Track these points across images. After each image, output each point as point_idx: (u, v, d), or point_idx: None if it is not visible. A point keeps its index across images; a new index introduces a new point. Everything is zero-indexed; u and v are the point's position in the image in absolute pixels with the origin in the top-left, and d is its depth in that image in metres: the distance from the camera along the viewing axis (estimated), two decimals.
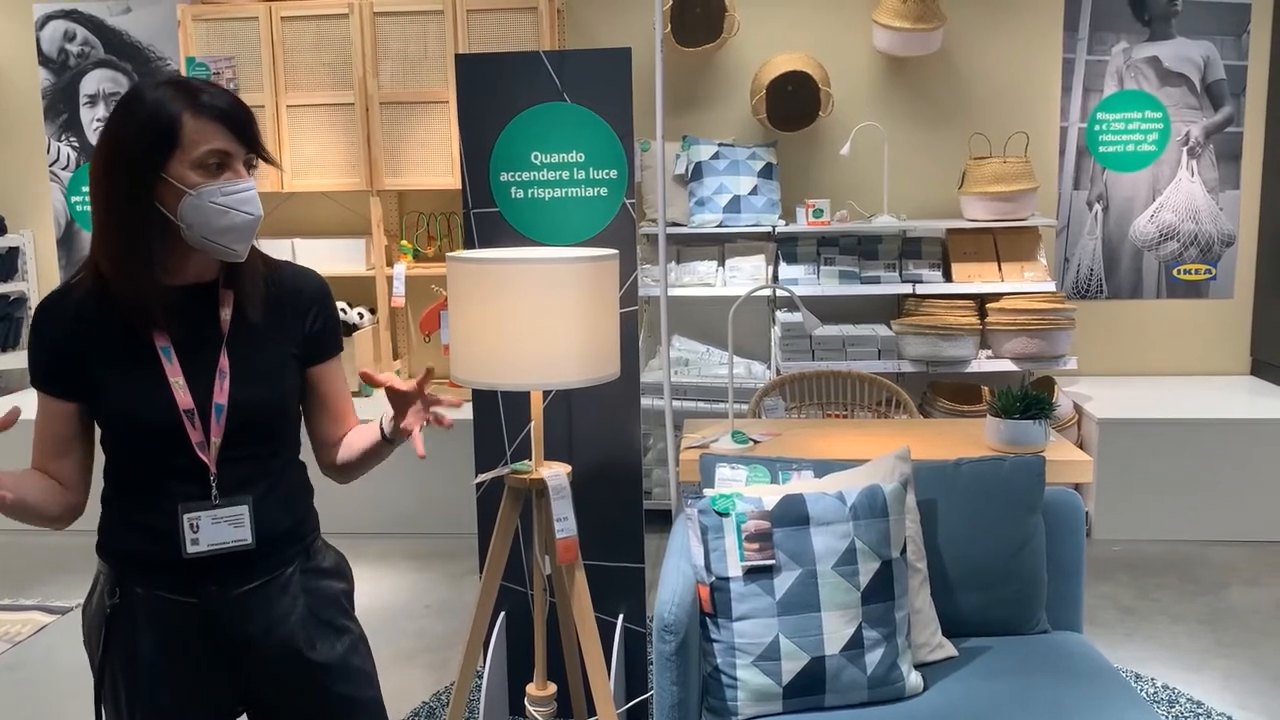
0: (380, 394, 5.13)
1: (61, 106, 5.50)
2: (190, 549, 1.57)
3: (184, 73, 4.98)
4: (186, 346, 1.58)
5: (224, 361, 1.59)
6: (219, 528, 1.58)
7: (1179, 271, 5.14)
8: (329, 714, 1.71)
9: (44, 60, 5.47)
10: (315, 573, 1.72)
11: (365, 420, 1.77)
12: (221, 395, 1.58)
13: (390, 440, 1.69)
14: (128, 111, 1.51)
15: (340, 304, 5.20)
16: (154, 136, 1.49)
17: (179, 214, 1.51)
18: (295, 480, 1.72)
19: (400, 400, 1.61)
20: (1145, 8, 5.00)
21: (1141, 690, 3.19)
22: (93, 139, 5.50)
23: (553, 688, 2.60)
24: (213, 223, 1.52)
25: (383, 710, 1.79)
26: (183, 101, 1.50)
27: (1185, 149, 5.05)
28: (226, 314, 1.61)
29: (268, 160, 1.61)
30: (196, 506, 1.57)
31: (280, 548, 1.66)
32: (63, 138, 5.52)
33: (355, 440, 1.74)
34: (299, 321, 1.69)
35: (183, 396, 1.56)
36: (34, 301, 5.60)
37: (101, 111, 5.47)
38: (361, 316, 5.25)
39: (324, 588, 1.73)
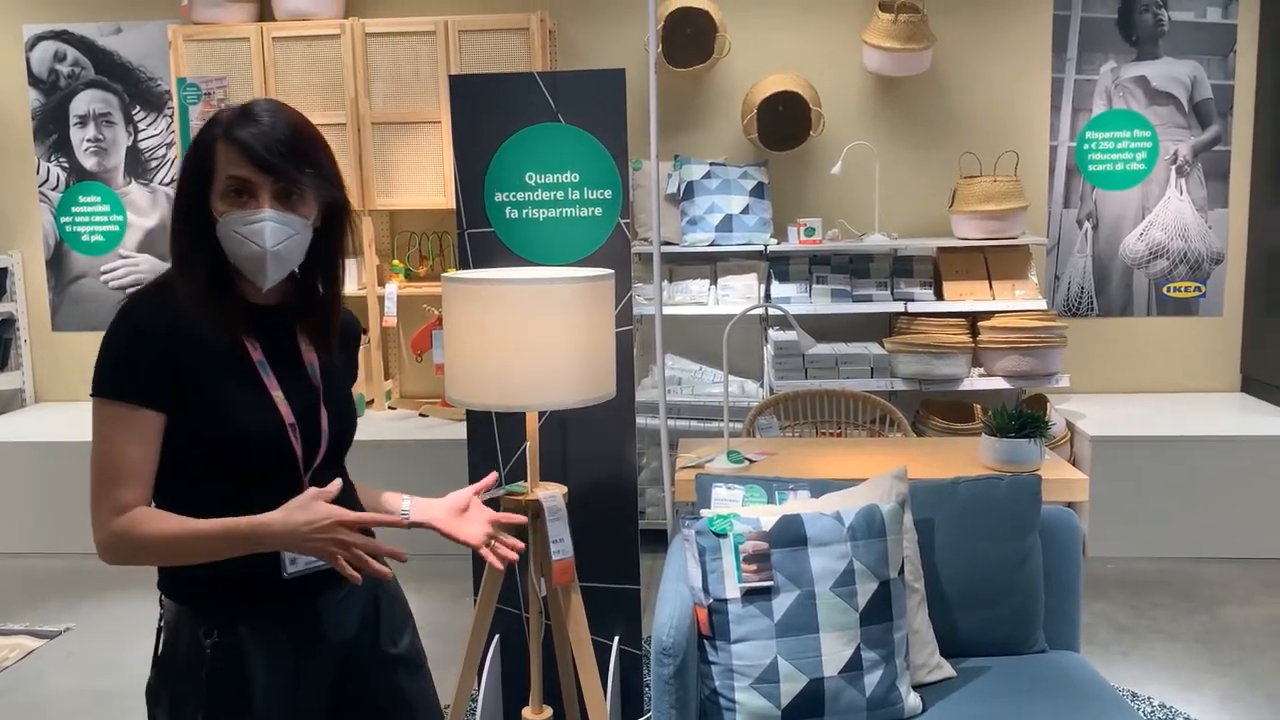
0: (372, 415, 5.11)
1: (51, 127, 5.48)
2: (289, 569, 1.56)
3: (174, 94, 4.98)
4: (279, 365, 1.59)
5: (319, 383, 1.62)
6: None
7: (1169, 289, 5.16)
8: (405, 705, 1.74)
9: (34, 81, 5.46)
10: (389, 582, 1.76)
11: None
12: (324, 418, 1.61)
13: (406, 525, 1.77)
14: (193, 139, 1.55)
15: None
16: (195, 164, 1.52)
17: (220, 238, 1.52)
18: (356, 497, 1.75)
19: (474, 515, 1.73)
20: (1133, 28, 5.04)
21: (1139, 709, 3.18)
22: (83, 159, 5.49)
23: (548, 711, 2.57)
24: (235, 251, 1.52)
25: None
26: (221, 129, 1.51)
27: (1174, 168, 5.09)
28: (307, 344, 1.64)
29: (298, 186, 1.51)
30: None
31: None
32: (52, 158, 5.51)
33: (365, 496, 1.79)
34: (347, 354, 1.76)
35: (285, 411, 1.56)
36: (23, 323, 5.57)
37: (91, 132, 5.46)
38: None
39: (389, 589, 1.77)
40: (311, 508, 1.46)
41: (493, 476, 1.71)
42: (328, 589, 1.63)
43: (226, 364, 1.54)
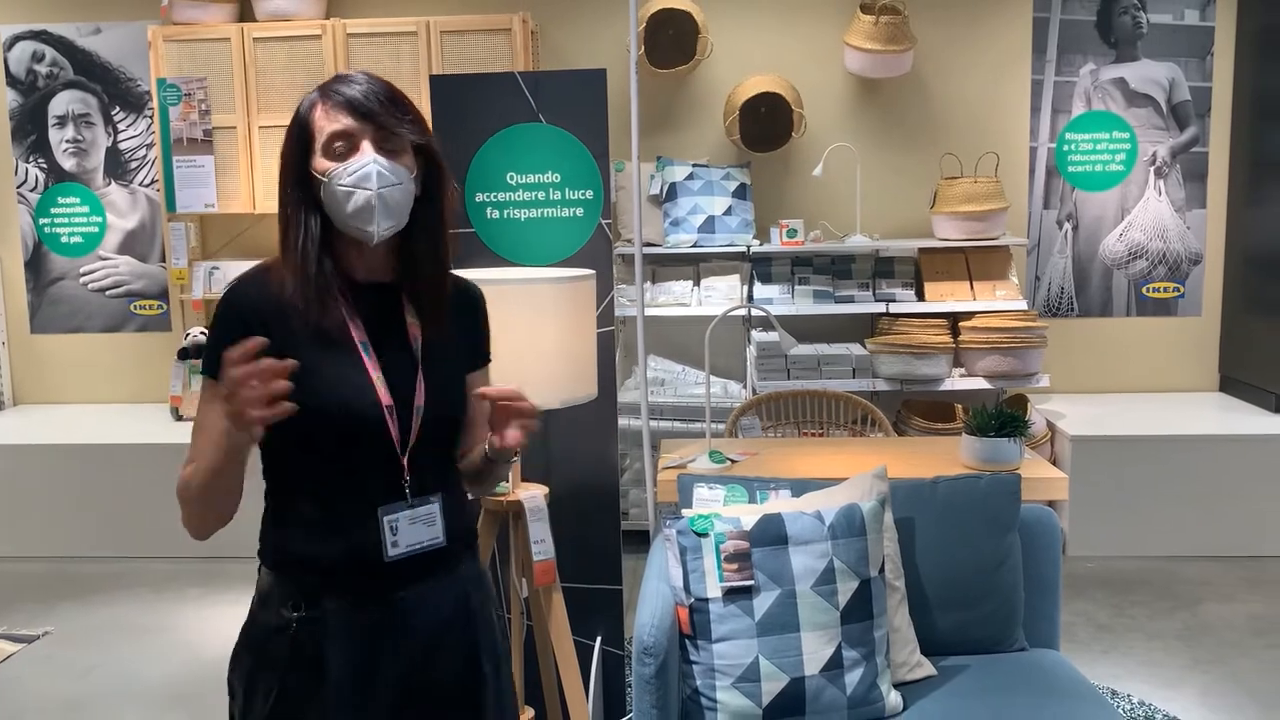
0: None
1: (30, 127, 5.44)
2: (391, 551, 1.54)
3: (154, 94, 4.95)
4: (382, 345, 1.57)
5: (418, 360, 1.59)
6: (415, 528, 1.57)
7: (1148, 289, 5.20)
8: (482, 698, 1.69)
9: (12, 81, 5.42)
10: (479, 574, 1.73)
11: None
12: (420, 396, 1.57)
13: (493, 460, 1.66)
14: (292, 116, 1.56)
15: None
16: (297, 133, 1.53)
17: (324, 205, 1.52)
18: (461, 483, 1.72)
19: (502, 412, 1.58)
20: (1111, 30, 5.07)
21: (1119, 707, 3.20)
22: (62, 160, 5.45)
23: (530, 712, 2.57)
24: (343, 207, 1.51)
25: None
26: (318, 94, 1.54)
27: (1152, 169, 5.12)
28: (412, 319, 1.60)
29: (397, 132, 1.51)
30: (394, 508, 1.54)
31: (458, 548, 1.66)
32: (31, 159, 5.47)
33: (472, 459, 1.71)
34: (467, 331, 1.70)
35: (384, 392, 1.54)
36: (1, 325, 5.52)
37: (70, 132, 5.42)
38: None
39: (486, 586, 1.74)
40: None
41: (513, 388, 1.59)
42: (418, 580, 1.60)
43: (327, 344, 1.53)
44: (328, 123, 1.51)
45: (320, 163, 1.51)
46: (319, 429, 1.51)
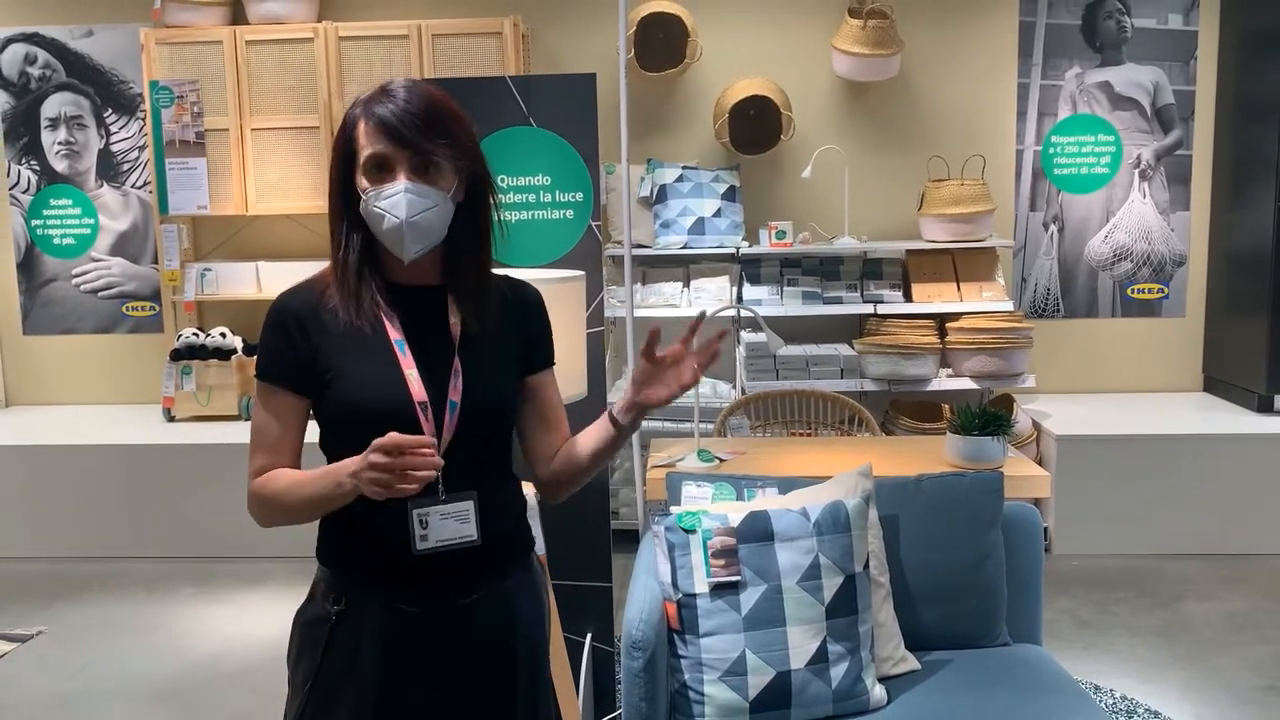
0: None
1: (22, 130, 5.46)
2: (419, 545, 1.56)
3: (146, 97, 4.97)
4: (420, 344, 1.60)
5: (456, 362, 1.61)
6: (446, 523, 1.58)
7: (1133, 291, 5.26)
8: (516, 713, 1.69)
9: (4, 83, 5.44)
10: (533, 588, 1.73)
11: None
12: (455, 393, 1.59)
13: (623, 426, 1.66)
14: (340, 123, 1.60)
15: None
16: (341, 146, 1.58)
17: (364, 217, 1.57)
18: (513, 488, 1.73)
19: (655, 369, 1.60)
20: (1096, 34, 5.13)
21: (1100, 701, 3.25)
22: (54, 162, 5.47)
23: None
24: (376, 227, 1.56)
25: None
26: (362, 109, 1.57)
27: (1137, 171, 5.18)
28: (455, 319, 1.63)
29: (433, 159, 1.54)
30: (425, 502, 1.56)
31: (502, 555, 1.67)
32: (23, 161, 5.48)
33: (579, 445, 1.71)
34: (520, 331, 1.71)
35: (417, 389, 1.57)
36: None
37: (63, 134, 5.44)
38: None
39: (538, 604, 1.74)
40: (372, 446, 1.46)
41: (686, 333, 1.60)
42: (457, 590, 1.62)
43: (362, 344, 1.58)
44: (367, 143, 1.55)
45: (361, 181, 1.56)
46: (354, 425, 1.55)
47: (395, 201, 1.53)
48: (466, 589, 1.62)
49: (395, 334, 1.59)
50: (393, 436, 1.43)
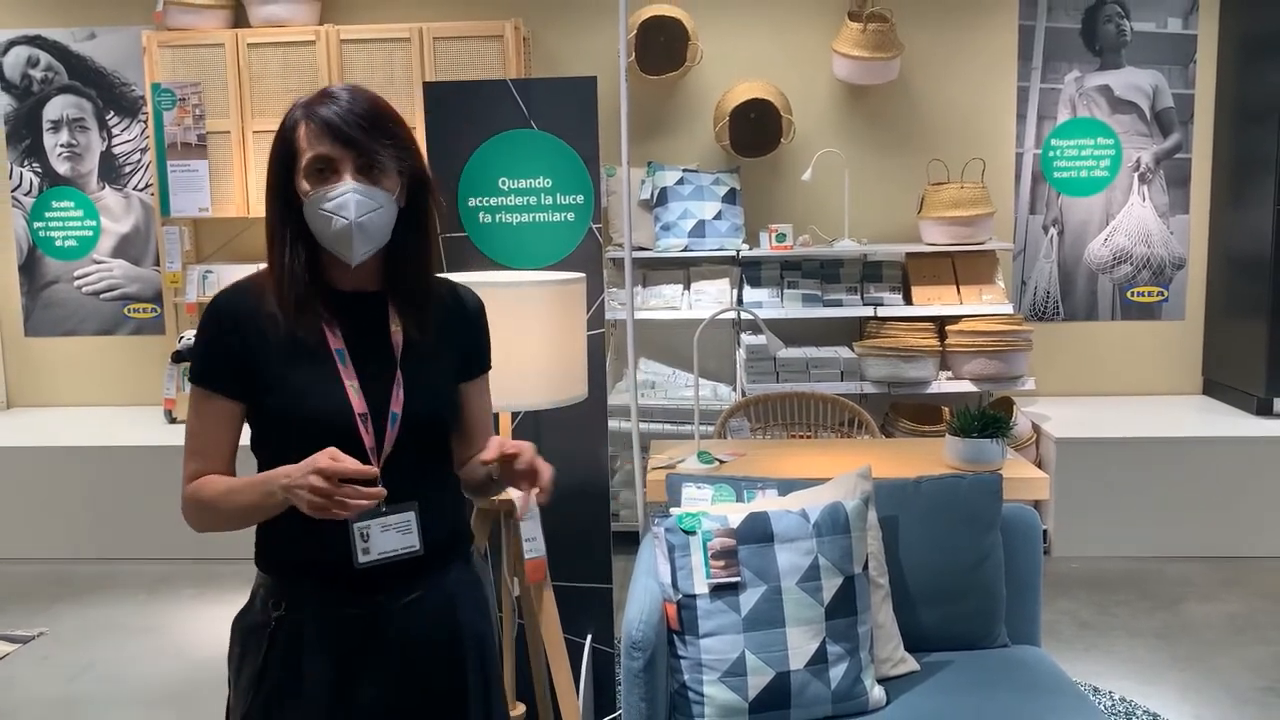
0: None
1: (24, 132, 5.47)
2: (361, 559, 1.55)
3: (148, 99, 4.99)
4: (361, 353, 1.59)
5: (398, 372, 1.60)
6: (388, 535, 1.57)
7: (1132, 294, 5.27)
8: (468, 711, 1.69)
9: (6, 85, 5.45)
10: (473, 581, 1.73)
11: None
12: (397, 404, 1.58)
13: (496, 481, 1.67)
14: (278, 128, 1.58)
15: None
16: (282, 149, 1.56)
17: (307, 222, 1.54)
18: (454, 491, 1.72)
19: (508, 470, 1.59)
20: (1096, 38, 5.14)
21: (1100, 703, 3.26)
22: (56, 165, 5.48)
23: (522, 708, 2.62)
24: (322, 230, 1.53)
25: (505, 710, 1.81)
26: (303, 112, 1.55)
27: (1136, 174, 5.19)
28: (396, 327, 1.61)
29: (378, 159, 1.53)
30: (366, 515, 1.54)
31: (444, 556, 1.67)
32: (25, 163, 5.50)
33: (474, 470, 1.70)
34: (458, 338, 1.70)
35: (357, 401, 1.56)
36: None
37: (65, 137, 5.45)
38: None
39: (480, 596, 1.74)
40: (306, 462, 1.45)
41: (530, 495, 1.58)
42: (402, 586, 1.61)
43: (302, 354, 1.56)
44: (309, 146, 1.53)
45: (303, 184, 1.54)
46: (292, 435, 1.53)
47: (342, 203, 1.51)
48: (407, 590, 1.62)
49: (336, 343, 1.57)
50: (334, 465, 1.41)
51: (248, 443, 1.63)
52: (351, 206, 1.51)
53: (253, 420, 1.60)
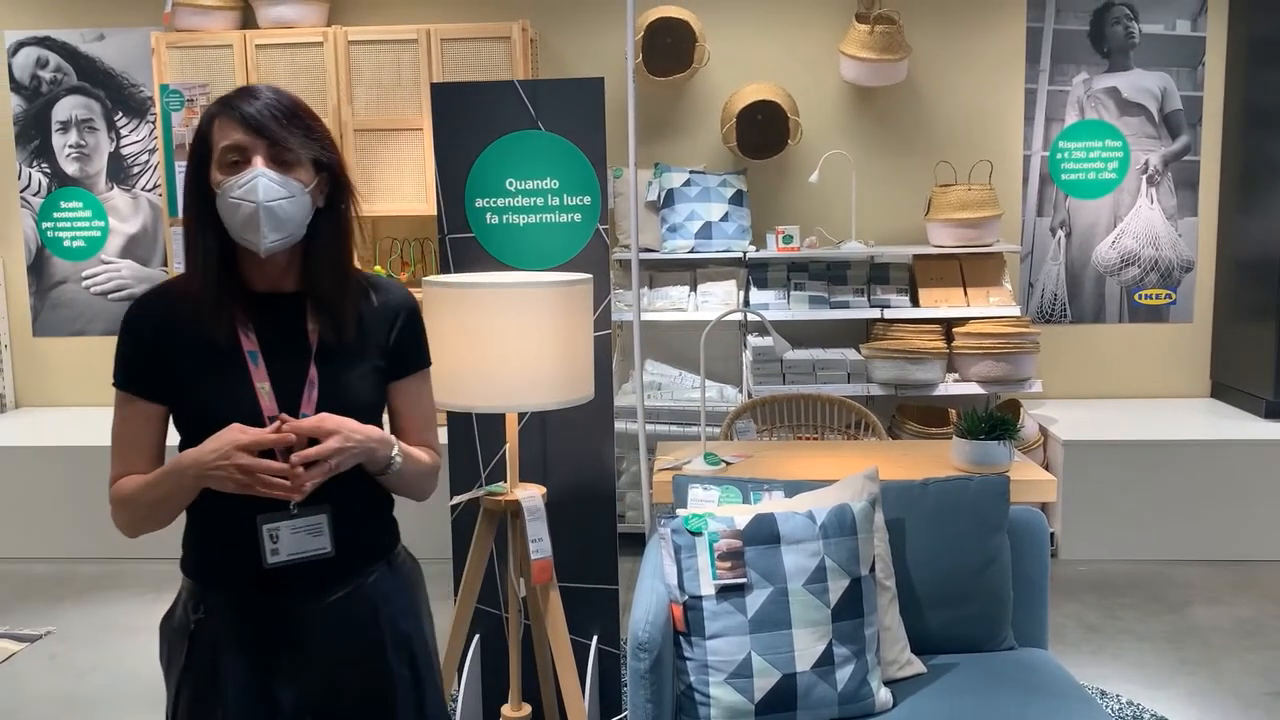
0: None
1: (33, 133, 5.49)
2: (270, 559, 1.56)
3: (157, 100, 5.00)
4: (275, 354, 1.59)
5: (312, 372, 1.59)
6: (298, 537, 1.57)
7: (1140, 296, 5.25)
8: (397, 714, 1.68)
9: (16, 86, 5.47)
10: (397, 583, 1.72)
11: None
12: (309, 406, 1.58)
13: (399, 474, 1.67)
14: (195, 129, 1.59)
15: None
16: (197, 144, 1.57)
17: (221, 217, 1.54)
18: (375, 492, 1.70)
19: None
20: (1104, 40, 5.13)
21: (1107, 706, 3.25)
22: (65, 165, 5.50)
23: (527, 709, 2.62)
24: (231, 219, 1.53)
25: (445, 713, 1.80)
26: (219, 107, 1.56)
27: (1144, 177, 5.18)
28: (313, 326, 1.61)
29: (289, 146, 1.53)
30: (275, 517, 1.56)
31: (363, 557, 1.66)
32: (34, 164, 5.52)
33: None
34: (383, 335, 1.68)
35: (267, 403, 1.56)
36: (3, 329, 5.57)
37: (74, 137, 5.47)
38: None
39: (404, 597, 1.73)
40: (219, 436, 1.49)
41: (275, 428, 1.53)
42: (318, 587, 1.62)
43: (214, 355, 1.56)
44: (222, 136, 1.53)
45: (216, 176, 1.54)
46: (197, 442, 1.53)
47: (251, 187, 1.50)
48: (323, 592, 1.62)
49: (249, 344, 1.57)
50: (247, 438, 1.47)
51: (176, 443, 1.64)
52: (260, 190, 1.50)
53: (175, 422, 1.62)
